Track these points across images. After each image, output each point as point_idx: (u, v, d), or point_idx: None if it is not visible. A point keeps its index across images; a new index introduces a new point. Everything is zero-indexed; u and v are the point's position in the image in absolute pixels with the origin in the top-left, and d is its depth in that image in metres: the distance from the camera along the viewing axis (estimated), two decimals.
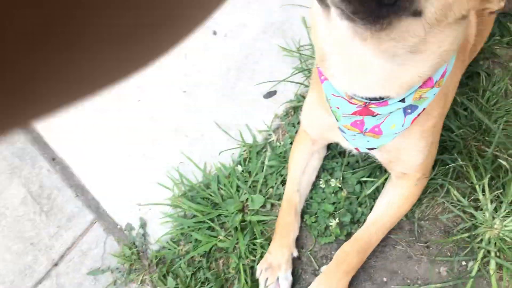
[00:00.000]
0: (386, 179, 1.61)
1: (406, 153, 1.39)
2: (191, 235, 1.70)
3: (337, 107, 1.22)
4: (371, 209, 1.57)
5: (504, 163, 1.50)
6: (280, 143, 1.81)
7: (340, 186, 1.67)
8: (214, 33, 2.06)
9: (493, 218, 1.50)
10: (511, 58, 1.80)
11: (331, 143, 1.71)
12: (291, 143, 1.74)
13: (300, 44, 1.95)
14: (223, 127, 1.88)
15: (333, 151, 1.75)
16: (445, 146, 1.65)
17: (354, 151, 1.51)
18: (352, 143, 1.38)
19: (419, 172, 1.44)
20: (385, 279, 1.56)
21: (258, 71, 1.95)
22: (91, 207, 1.84)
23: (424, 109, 1.19)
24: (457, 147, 1.62)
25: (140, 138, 1.92)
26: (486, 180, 1.52)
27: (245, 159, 1.80)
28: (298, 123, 1.77)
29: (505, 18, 1.86)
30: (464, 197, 1.56)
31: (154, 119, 1.95)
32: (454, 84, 1.38)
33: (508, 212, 1.50)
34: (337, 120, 1.28)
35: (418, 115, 1.20)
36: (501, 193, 1.52)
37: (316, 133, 1.59)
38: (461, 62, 1.33)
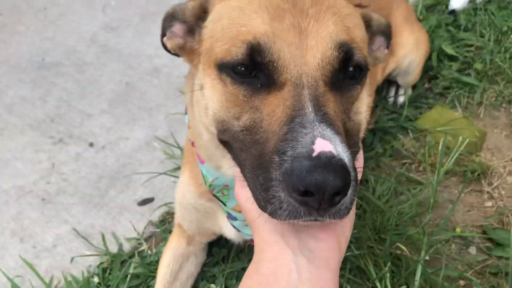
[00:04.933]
0: None
1: None
2: None
3: (223, 192, 1.04)
4: None
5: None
6: (152, 251, 1.49)
7: None
8: (91, 145, 1.88)
9: None
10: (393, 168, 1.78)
11: (212, 242, 1.44)
12: None
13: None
14: (84, 234, 1.54)
15: (215, 257, 1.46)
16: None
17: (239, 240, 1.27)
18: (243, 231, 1.14)
19: None
20: None
21: (135, 180, 1.74)
22: None
23: None
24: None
25: None
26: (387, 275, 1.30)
27: (104, 270, 1.44)
28: None
29: (386, 135, 1.90)
30: None
31: None
32: None
33: None
34: (224, 205, 1.08)
35: None
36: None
37: (192, 225, 1.34)
38: None
